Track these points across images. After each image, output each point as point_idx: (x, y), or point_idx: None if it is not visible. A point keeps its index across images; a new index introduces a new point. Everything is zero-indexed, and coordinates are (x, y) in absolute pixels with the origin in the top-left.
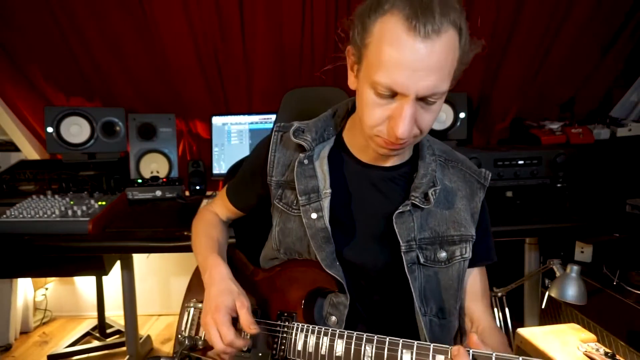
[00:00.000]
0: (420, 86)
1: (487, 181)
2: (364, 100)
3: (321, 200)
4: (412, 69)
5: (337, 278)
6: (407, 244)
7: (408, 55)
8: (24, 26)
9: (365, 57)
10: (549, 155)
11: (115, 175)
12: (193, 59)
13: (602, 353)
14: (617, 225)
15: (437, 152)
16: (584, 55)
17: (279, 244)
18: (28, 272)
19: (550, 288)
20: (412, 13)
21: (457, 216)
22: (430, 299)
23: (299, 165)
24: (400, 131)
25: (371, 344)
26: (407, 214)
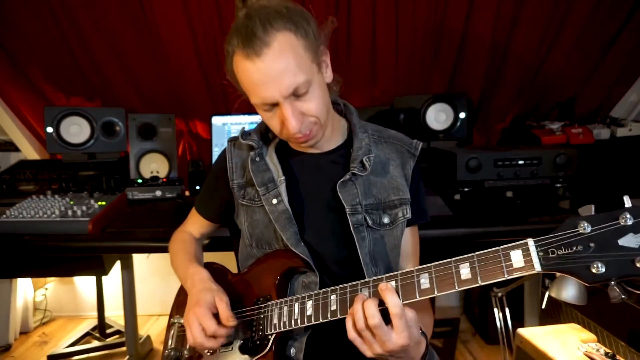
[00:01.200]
0: (282, 89)
1: (417, 150)
2: (263, 118)
3: (278, 187)
4: (265, 81)
5: (303, 257)
6: (352, 207)
7: (256, 74)
8: (24, 26)
9: (243, 91)
10: (549, 155)
11: (115, 175)
12: (193, 59)
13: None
14: None
15: (369, 131)
16: (584, 55)
17: (250, 237)
18: (28, 272)
19: (550, 288)
20: (243, 45)
21: (394, 182)
22: (379, 260)
23: (252, 162)
24: (292, 128)
25: (335, 293)
26: (350, 183)
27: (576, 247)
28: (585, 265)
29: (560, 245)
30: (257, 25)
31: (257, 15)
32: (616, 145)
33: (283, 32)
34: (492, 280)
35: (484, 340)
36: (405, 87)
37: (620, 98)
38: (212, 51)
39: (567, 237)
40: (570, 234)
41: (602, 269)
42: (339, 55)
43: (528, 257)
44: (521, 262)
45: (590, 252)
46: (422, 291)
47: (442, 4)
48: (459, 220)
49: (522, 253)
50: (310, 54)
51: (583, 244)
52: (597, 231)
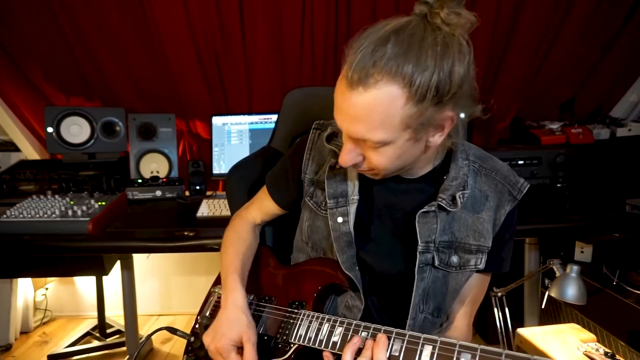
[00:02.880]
0: (349, 129)
1: (521, 194)
2: None
3: (348, 206)
4: (340, 111)
5: (353, 280)
6: (425, 244)
7: (338, 98)
8: (24, 26)
9: None
10: (549, 155)
11: (115, 175)
12: (193, 59)
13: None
14: (617, 225)
15: (471, 158)
16: (584, 55)
17: (307, 238)
18: (28, 272)
19: (550, 288)
20: (349, 66)
21: (480, 226)
22: (431, 298)
23: (330, 169)
24: (341, 159)
25: (367, 331)
26: (432, 214)
27: None
28: None
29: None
30: (378, 52)
31: (398, 37)
32: (616, 145)
33: (393, 83)
34: None
35: (484, 340)
36: None
37: (620, 98)
38: (212, 51)
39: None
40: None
41: None
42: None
43: None
44: None
45: None
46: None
47: None
48: None
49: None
50: (409, 118)
51: None
52: None
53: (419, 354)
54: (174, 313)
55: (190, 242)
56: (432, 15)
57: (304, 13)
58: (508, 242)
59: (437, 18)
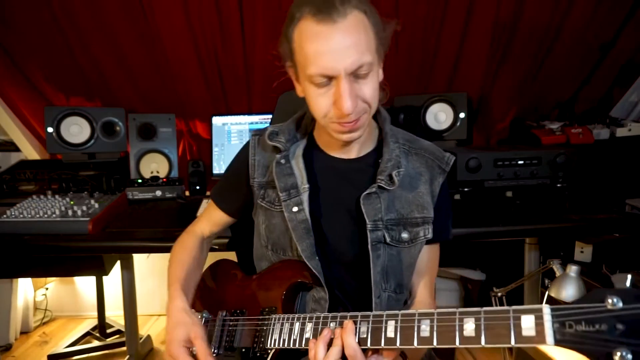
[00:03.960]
0: (346, 63)
1: (449, 166)
2: (310, 96)
3: (300, 195)
4: (333, 51)
5: (314, 272)
6: (373, 223)
7: (325, 42)
8: (24, 26)
9: (296, 62)
10: (549, 155)
11: (115, 175)
12: (193, 59)
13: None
14: (617, 225)
15: (400, 141)
16: (584, 56)
17: (266, 240)
18: (28, 272)
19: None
20: (317, 10)
21: (420, 199)
22: (391, 275)
23: (277, 165)
24: (345, 107)
25: (335, 320)
26: (374, 195)
27: (599, 326)
28: (606, 351)
29: (581, 319)
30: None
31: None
32: (616, 145)
33: (358, 11)
34: (497, 345)
35: None
36: (405, 87)
37: (620, 98)
38: (212, 51)
39: (591, 311)
40: (596, 308)
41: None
42: None
43: (541, 327)
44: (532, 330)
45: (616, 335)
46: (420, 339)
47: (442, 3)
48: (459, 220)
49: (534, 320)
50: (376, 41)
51: (609, 323)
52: (629, 310)
53: (384, 331)
54: None
55: None
56: None
57: None
58: (448, 212)
59: None
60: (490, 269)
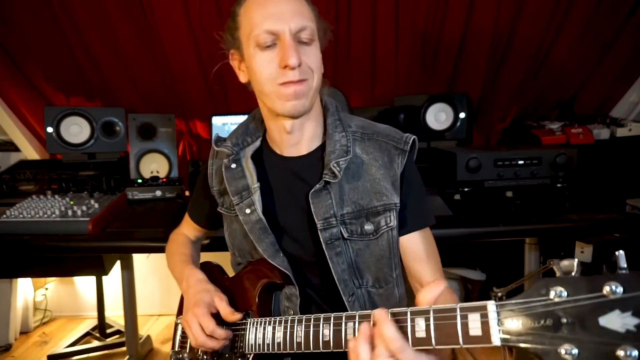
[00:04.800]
0: (290, 22)
1: (407, 145)
2: (255, 66)
3: (252, 196)
4: (278, 12)
5: (280, 269)
6: (324, 221)
7: (271, 5)
8: (24, 26)
9: (241, 37)
10: (549, 155)
11: (115, 175)
12: (193, 59)
13: None
14: (617, 225)
15: (352, 129)
16: (584, 55)
17: (232, 246)
18: (28, 272)
19: None
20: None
21: (378, 186)
22: (364, 270)
23: (227, 170)
24: (291, 60)
25: (301, 324)
26: (324, 192)
27: (545, 321)
28: (553, 349)
29: (526, 314)
30: None
31: None
32: (616, 145)
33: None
34: (448, 346)
35: None
36: (405, 87)
37: (620, 98)
38: (212, 51)
39: (535, 304)
40: (540, 301)
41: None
42: (339, 55)
43: (486, 326)
44: (479, 329)
45: (562, 329)
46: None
47: (442, 3)
48: (459, 220)
49: (480, 319)
50: (316, 21)
51: (554, 317)
52: (573, 303)
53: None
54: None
55: None
56: None
57: None
58: (420, 195)
59: None
60: (490, 269)
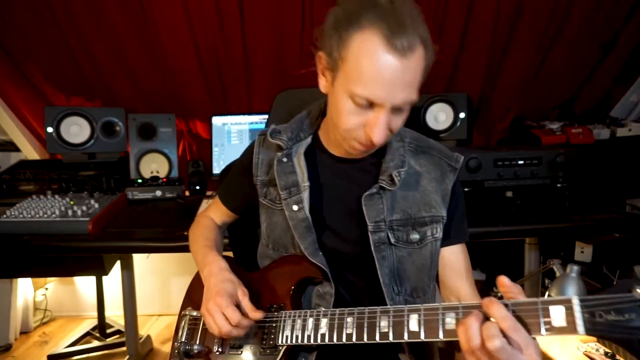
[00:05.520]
0: (397, 98)
1: (458, 164)
2: (341, 108)
3: (301, 193)
4: (390, 83)
5: (321, 266)
6: (375, 224)
7: (386, 71)
8: (24, 26)
9: (342, 69)
10: (549, 155)
11: (115, 175)
12: (193, 59)
13: (602, 353)
14: (617, 225)
15: (407, 139)
16: (584, 55)
17: (267, 238)
18: (28, 272)
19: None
20: (389, 31)
21: (428, 198)
22: (404, 278)
23: (278, 163)
24: (377, 138)
25: (352, 315)
26: (376, 196)
27: (629, 315)
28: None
29: (610, 309)
30: (407, 21)
31: (403, 7)
32: (616, 145)
33: (421, 45)
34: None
35: None
36: None
37: (620, 98)
38: (212, 51)
39: (618, 301)
40: (623, 298)
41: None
42: None
43: (571, 317)
44: (563, 321)
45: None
46: (446, 331)
47: (442, 3)
48: None
49: (565, 311)
50: (423, 76)
51: (637, 312)
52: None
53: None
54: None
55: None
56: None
57: (303, 13)
58: (464, 212)
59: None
60: (490, 269)
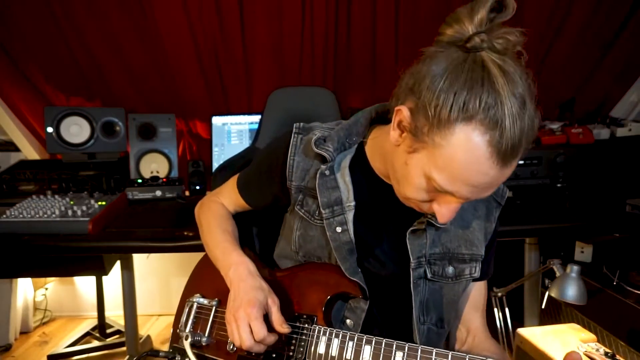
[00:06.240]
0: (479, 195)
1: (504, 200)
2: (411, 181)
3: (345, 214)
4: (477, 187)
5: (360, 284)
6: (417, 260)
7: (483, 179)
8: (24, 26)
9: (429, 149)
10: (549, 155)
11: (115, 175)
12: (193, 59)
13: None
14: (617, 225)
15: None
16: (584, 55)
17: (298, 248)
18: (28, 272)
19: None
20: (500, 136)
21: (471, 235)
22: (432, 309)
23: (321, 176)
24: (444, 220)
25: (402, 350)
26: (421, 231)
27: None
28: None
29: None
30: (525, 127)
31: (520, 100)
32: (616, 145)
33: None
34: None
35: None
36: None
37: (620, 98)
38: (212, 51)
39: None
40: None
41: None
42: (339, 55)
43: None
44: None
45: None
46: None
47: (441, 3)
48: None
49: None
50: None
51: None
52: None
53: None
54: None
55: (190, 242)
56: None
57: (304, 13)
58: (495, 246)
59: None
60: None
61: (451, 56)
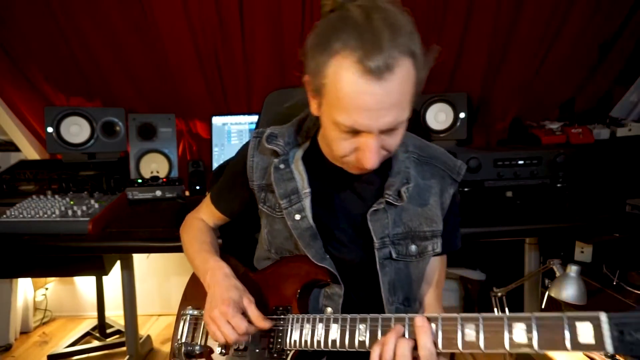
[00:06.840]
0: (382, 123)
1: (460, 176)
2: (329, 136)
3: (302, 201)
4: (372, 109)
5: (329, 269)
6: (380, 240)
7: (366, 98)
8: (24, 26)
9: (323, 96)
10: (549, 155)
11: (115, 175)
12: (193, 59)
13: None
14: (617, 225)
15: (410, 149)
16: (584, 55)
17: (269, 244)
18: (28, 272)
19: (550, 288)
20: (363, 52)
21: (429, 212)
22: (399, 289)
23: (275, 170)
24: (369, 164)
25: (364, 322)
26: (382, 211)
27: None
28: None
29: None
30: (385, 36)
31: (381, 20)
32: (616, 145)
33: (406, 58)
34: (551, 351)
35: None
36: None
37: (620, 98)
38: (212, 51)
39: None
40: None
41: None
42: None
43: (599, 334)
44: (590, 338)
45: None
46: (465, 343)
47: (441, 3)
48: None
49: (592, 328)
50: (417, 86)
51: None
52: None
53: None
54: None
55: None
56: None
57: (304, 13)
58: (456, 222)
59: None
60: (490, 269)
61: (323, 20)
